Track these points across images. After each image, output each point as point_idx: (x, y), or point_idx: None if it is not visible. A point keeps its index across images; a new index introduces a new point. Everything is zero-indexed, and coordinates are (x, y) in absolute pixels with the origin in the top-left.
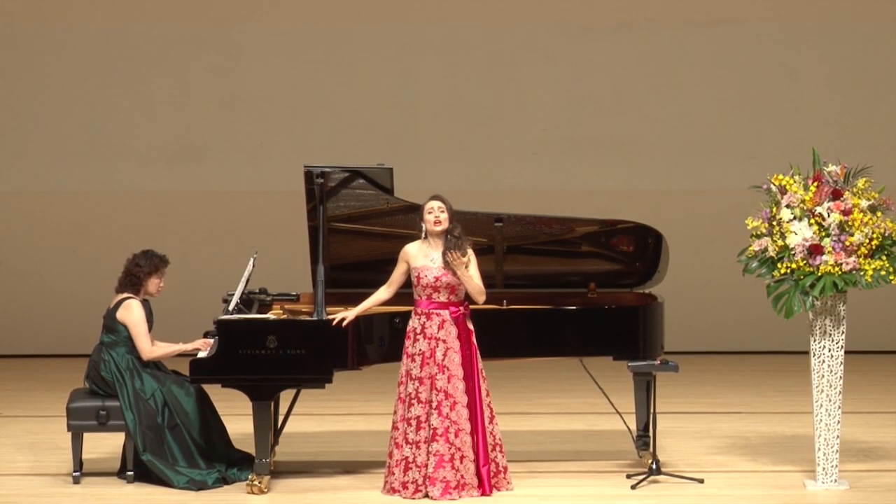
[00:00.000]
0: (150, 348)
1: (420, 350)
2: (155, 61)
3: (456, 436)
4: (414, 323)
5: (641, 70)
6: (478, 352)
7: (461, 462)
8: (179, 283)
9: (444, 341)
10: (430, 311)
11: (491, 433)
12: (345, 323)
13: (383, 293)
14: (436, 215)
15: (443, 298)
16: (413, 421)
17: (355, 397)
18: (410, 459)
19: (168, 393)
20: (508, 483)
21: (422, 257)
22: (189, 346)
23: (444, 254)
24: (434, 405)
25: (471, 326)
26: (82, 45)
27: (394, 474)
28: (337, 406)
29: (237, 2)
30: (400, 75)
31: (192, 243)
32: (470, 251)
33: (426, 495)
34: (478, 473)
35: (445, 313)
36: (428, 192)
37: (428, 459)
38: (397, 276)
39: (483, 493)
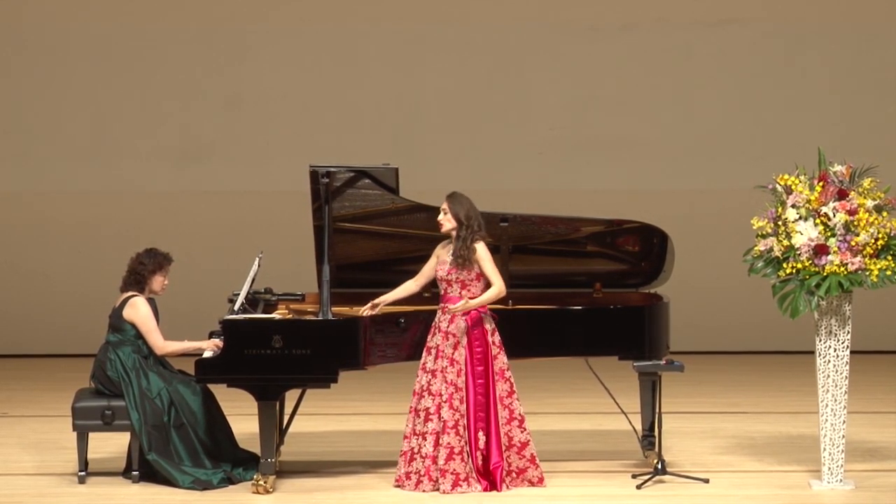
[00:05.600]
0: (163, 343)
1: (436, 343)
2: (160, 61)
3: (465, 429)
4: (436, 317)
5: (647, 70)
6: (502, 351)
7: (469, 455)
8: (185, 282)
9: (453, 335)
10: (445, 305)
11: (506, 434)
12: (376, 310)
13: (411, 285)
14: (439, 218)
15: (455, 293)
16: (422, 412)
17: (361, 397)
18: (416, 450)
19: (174, 392)
20: (522, 483)
21: (445, 253)
22: (204, 344)
23: (453, 253)
24: (444, 398)
25: (487, 325)
26: (87, 44)
27: (401, 466)
28: (342, 406)
29: (243, 1)
30: (406, 75)
31: (198, 243)
32: (482, 250)
33: (435, 488)
34: (486, 470)
35: None
36: (433, 192)
37: (438, 452)
38: (427, 270)
39: (490, 489)
